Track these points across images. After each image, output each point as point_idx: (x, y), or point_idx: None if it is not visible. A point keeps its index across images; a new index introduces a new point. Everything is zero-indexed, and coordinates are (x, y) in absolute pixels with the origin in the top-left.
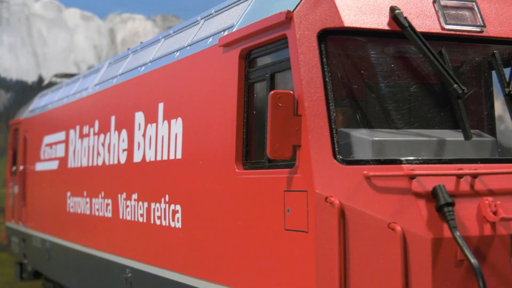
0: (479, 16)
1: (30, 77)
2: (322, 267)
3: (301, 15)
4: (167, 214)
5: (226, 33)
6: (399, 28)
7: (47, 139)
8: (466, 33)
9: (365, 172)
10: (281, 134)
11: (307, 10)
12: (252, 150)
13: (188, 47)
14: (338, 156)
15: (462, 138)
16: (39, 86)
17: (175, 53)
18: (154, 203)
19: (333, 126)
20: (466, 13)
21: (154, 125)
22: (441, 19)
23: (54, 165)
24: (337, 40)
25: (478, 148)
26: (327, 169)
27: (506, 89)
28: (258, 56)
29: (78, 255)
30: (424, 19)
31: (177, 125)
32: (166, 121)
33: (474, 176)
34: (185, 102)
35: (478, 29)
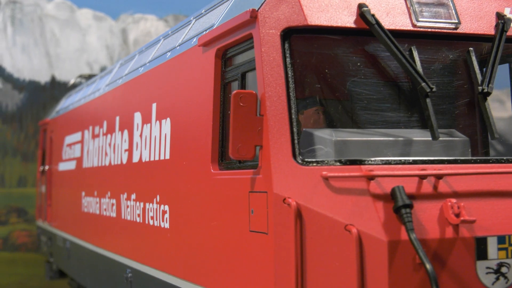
0: (454, 13)
1: (43, 78)
2: (280, 269)
3: (265, 14)
4: (158, 214)
5: (206, 32)
6: (367, 26)
7: (68, 139)
8: (439, 30)
9: (323, 172)
10: (243, 134)
11: (271, 8)
12: (227, 150)
13: (178, 47)
14: (298, 157)
15: (430, 138)
16: (52, 86)
17: (167, 53)
18: (148, 203)
19: (294, 126)
20: (441, 9)
21: (149, 125)
22: (413, 16)
23: (72, 165)
24: (301, 38)
25: (449, 148)
26: (286, 169)
27: (479, 87)
28: (233, 55)
29: (91, 255)
30: (395, 16)
31: (166, 125)
32: (158, 122)
33: (438, 177)
34: (173, 103)
35: (453, 26)
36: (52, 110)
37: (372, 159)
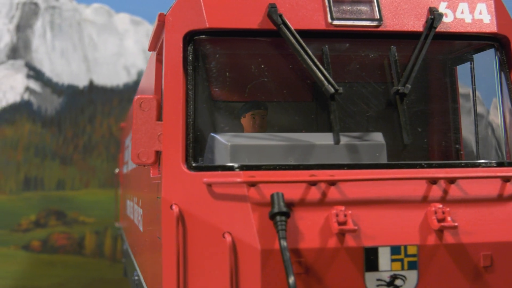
0: (377, 10)
1: (81, 82)
2: (167, 273)
3: (171, 18)
4: (139, 217)
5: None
6: (274, 27)
7: (127, 141)
8: (357, 29)
9: (204, 179)
10: (144, 139)
11: (177, 12)
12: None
13: None
14: (189, 162)
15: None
16: (90, 90)
17: None
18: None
19: (189, 131)
20: (363, 7)
21: None
22: (328, 15)
23: (128, 167)
24: (204, 41)
25: (362, 152)
26: (176, 175)
27: (394, 88)
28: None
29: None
30: (310, 15)
31: None
32: None
33: (330, 183)
34: None
35: (374, 23)
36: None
37: (264, 164)
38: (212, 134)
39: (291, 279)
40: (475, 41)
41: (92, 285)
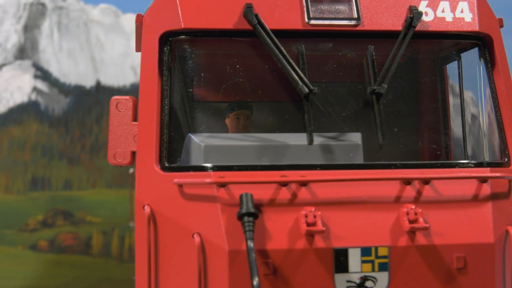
0: (355, 10)
1: (88, 82)
2: (139, 273)
3: (148, 19)
4: None
5: None
6: (250, 26)
7: None
8: (335, 28)
9: (175, 180)
10: (120, 140)
11: (154, 13)
12: None
13: None
14: (162, 163)
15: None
16: (97, 90)
17: None
18: None
19: (164, 132)
20: (341, 7)
21: None
22: (305, 15)
23: None
24: (179, 42)
25: (337, 152)
26: (149, 176)
27: (369, 87)
28: None
29: None
30: (287, 15)
31: None
32: None
33: (301, 183)
34: None
35: (352, 23)
36: None
37: (236, 165)
38: (189, 134)
39: (255, 281)
40: (456, 40)
41: (99, 285)
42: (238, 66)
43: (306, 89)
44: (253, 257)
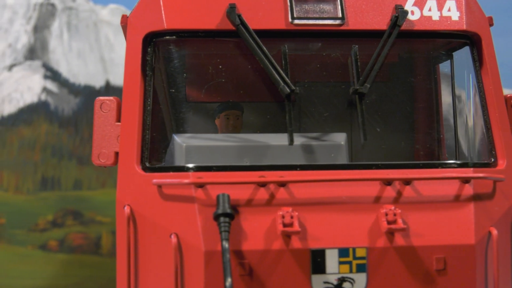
0: (339, 9)
1: (98, 82)
2: (120, 273)
3: (132, 19)
4: None
5: None
6: (233, 27)
7: None
8: (318, 28)
9: (153, 180)
10: (103, 140)
11: (138, 14)
12: None
13: None
14: (143, 163)
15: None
16: (106, 91)
17: None
18: None
19: (146, 132)
20: (325, 6)
21: None
22: (289, 14)
23: None
24: (162, 43)
25: (320, 153)
26: (130, 176)
27: (352, 87)
28: None
29: None
30: (271, 15)
31: None
32: None
33: (280, 184)
34: None
35: (336, 22)
36: None
37: (215, 165)
38: (173, 135)
39: (228, 282)
40: (443, 39)
41: (108, 285)
42: (222, 67)
43: (288, 89)
44: (227, 258)
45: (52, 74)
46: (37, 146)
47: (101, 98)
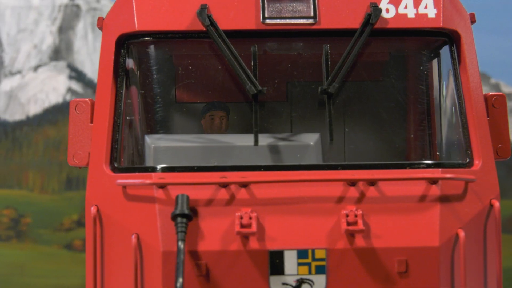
0: (312, 8)
1: None
2: (88, 273)
3: (107, 21)
4: None
5: None
6: (204, 27)
7: None
8: (289, 27)
9: (117, 181)
10: (78, 141)
11: (112, 16)
12: None
13: None
14: (112, 164)
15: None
16: None
17: None
18: None
19: (116, 133)
20: (298, 5)
21: None
22: (260, 14)
23: None
24: (134, 44)
25: (288, 153)
26: (99, 176)
27: (320, 87)
28: None
29: None
30: (242, 15)
31: None
32: None
33: (242, 185)
34: None
35: (308, 21)
36: None
37: (179, 166)
38: (145, 135)
39: (179, 282)
40: (419, 37)
41: None
42: (194, 68)
43: (254, 89)
44: (181, 258)
45: (77, 74)
46: (62, 146)
47: (76, 99)
